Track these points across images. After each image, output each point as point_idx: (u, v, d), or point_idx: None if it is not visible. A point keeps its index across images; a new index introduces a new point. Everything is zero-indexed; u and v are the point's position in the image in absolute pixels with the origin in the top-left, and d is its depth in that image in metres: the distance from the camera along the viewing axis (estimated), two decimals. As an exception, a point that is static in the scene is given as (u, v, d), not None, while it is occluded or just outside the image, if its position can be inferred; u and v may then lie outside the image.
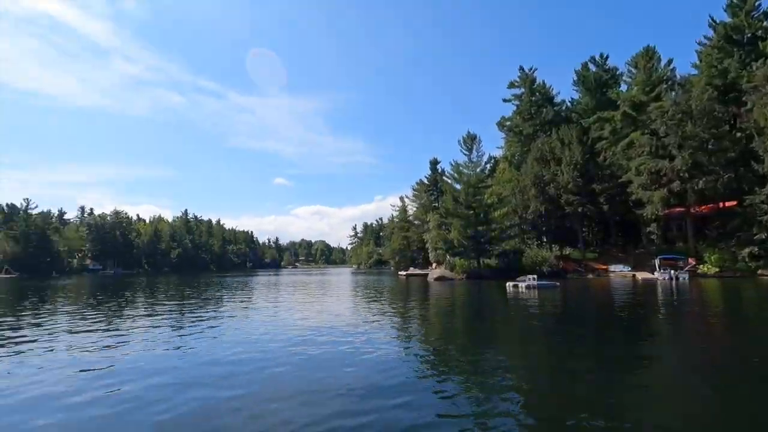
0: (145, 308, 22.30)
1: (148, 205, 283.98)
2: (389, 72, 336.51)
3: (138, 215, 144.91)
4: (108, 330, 14.77)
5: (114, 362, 9.88)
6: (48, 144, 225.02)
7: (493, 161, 64.29)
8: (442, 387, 7.68)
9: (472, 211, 47.61)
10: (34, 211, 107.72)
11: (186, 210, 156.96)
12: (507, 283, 31.13)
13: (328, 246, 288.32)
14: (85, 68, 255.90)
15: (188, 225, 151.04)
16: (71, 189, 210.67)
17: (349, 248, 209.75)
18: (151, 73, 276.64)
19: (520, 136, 64.80)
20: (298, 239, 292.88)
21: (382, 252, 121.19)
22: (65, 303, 26.29)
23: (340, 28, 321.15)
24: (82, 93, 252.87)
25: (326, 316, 17.75)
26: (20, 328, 15.40)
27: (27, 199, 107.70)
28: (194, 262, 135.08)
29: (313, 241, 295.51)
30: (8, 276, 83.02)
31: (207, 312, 19.90)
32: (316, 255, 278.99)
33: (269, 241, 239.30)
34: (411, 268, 68.74)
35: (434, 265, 60.17)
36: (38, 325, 16.21)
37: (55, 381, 8.28)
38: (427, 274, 53.41)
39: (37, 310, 21.98)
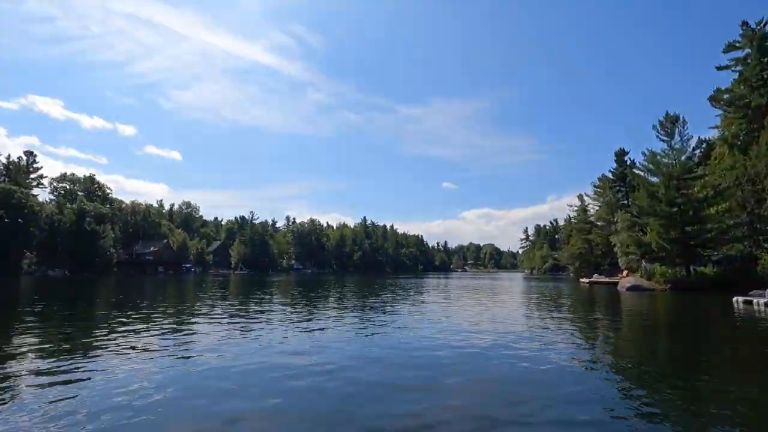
0: (337, 302, 25.86)
1: (334, 213, 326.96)
2: (557, 60, 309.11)
3: (327, 222, 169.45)
4: (310, 319, 17.62)
5: (312, 346, 11.63)
6: (265, 166, 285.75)
7: (704, 146, 52.29)
8: (634, 410, 6.47)
9: (676, 209, 39.41)
10: (257, 221, 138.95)
11: (364, 217, 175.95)
12: (734, 298, 24.59)
13: (497, 249, 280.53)
14: (287, 101, 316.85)
15: (367, 230, 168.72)
16: (280, 202, 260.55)
17: (520, 252, 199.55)
18: (333, 98, 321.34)
19: (745, 110, 50.62)
20: (466, 243, 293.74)
21: (558, 256, 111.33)
22: (280, 295, 32.54)
23: (500, 22, 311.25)
24: (286, 122, 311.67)
25: (500, 323, 17.12)
26: (249, 314, 19.62)
27: (252, 212, 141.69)
28: (372, 264, 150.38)
29: (481, 244, 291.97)
30: (241, 272, 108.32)
31: (386, 308, 21.71)
32: (484, 259, 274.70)
33: (438, 245, 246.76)
34: (595, 275, 61.03)
35: (625, 272, 52.22)
36: (262, 312, 20.46)
37: (272, 357, 10.22)
38: (616, 283, 46.50)
39: (261, 299, 27.79)
